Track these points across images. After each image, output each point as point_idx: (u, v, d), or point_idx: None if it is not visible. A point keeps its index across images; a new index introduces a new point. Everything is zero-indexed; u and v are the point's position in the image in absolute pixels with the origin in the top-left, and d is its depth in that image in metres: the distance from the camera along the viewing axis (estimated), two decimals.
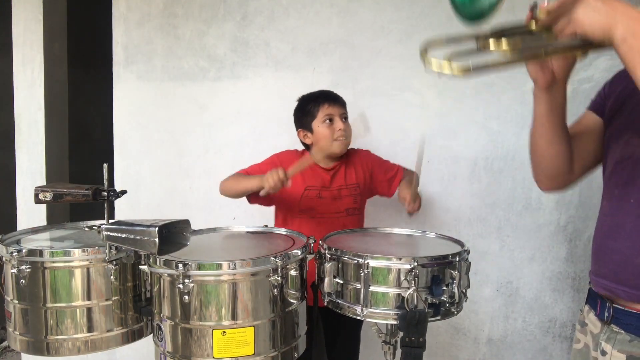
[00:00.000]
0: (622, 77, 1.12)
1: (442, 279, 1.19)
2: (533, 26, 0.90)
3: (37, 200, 1.23)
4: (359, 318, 1.21)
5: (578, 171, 1.21)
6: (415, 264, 1.15)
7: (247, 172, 1.79)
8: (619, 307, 1.05)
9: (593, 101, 1.23)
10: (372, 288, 1.19)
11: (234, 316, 1.12)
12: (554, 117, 1.10)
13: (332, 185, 1.78)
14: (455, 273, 1.20)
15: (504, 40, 0.87)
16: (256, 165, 1.82)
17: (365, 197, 1.87)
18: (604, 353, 1.05)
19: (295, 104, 1.85)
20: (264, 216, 2.11)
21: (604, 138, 1.16)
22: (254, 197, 1.72)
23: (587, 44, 0.87)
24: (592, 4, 0.83)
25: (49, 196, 1.23)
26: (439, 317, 1.19)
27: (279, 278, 1.15)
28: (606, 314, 1.07)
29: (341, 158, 1.82)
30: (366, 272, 1.18)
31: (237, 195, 1.74)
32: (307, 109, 1.78)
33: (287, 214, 1.81)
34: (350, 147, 1.84)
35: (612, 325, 1.05)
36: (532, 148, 1.19)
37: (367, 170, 1.85)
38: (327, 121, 1.74)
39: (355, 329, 1.89)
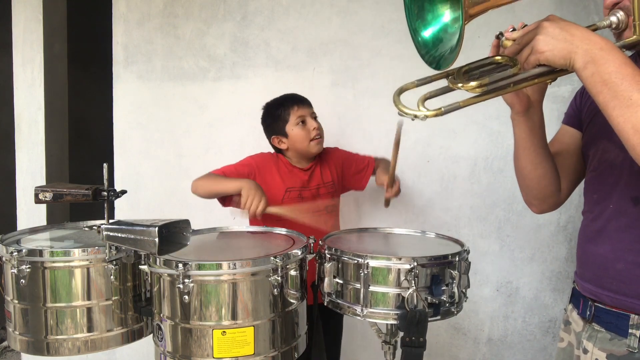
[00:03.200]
0: None
1: (442, 279, 1.19)
2: (498, 59, 0.91)
3: (37, 200, 1.23)
4: (359, 318, 1.21)
5: (566, 188, 1.23)
6: (415, 264, 1.15)
7: (222, 173, 1.76)
8: (601, 306, 1.06)
9: (567, 114, 1.25)
10: (372, 288, 1.19)
11: (234, 316, 1.12)
12: (535, 139, 1.12)
13: (310, 185, 1.80)
14: (455, 273, 1.20)
15: (472, 82, 0.88)
16: (232, 166, 1.79)
17: (339, 193, 1.91)
18: (585, 351, 1.07)
19: None
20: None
21: (582, 147, 1.19)
22: (228, 200, 1.69)
23: (552, 72, 0.88)
24: (551, 32, 0.83)
25: (49, 196, 1.22)
26: (439, 317, 1.19)
27: (279, 278, 1.15)
28: (588, 313, 1.08)
29: (315, 157, 1.84)
30: (366, 272, 1.18)
31: (211, 195, 1.71)
32: (277, 115, 1.79)
33: (267, 216, 1.77)
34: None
35: (593, 323, 1.07)
36: (518, 173, 1.21)
37: (338, 166, 1.88)
38: (300, 123, 1.75)
39: (339, 322, 1.89)
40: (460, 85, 0.89)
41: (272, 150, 1.90)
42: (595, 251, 1.07)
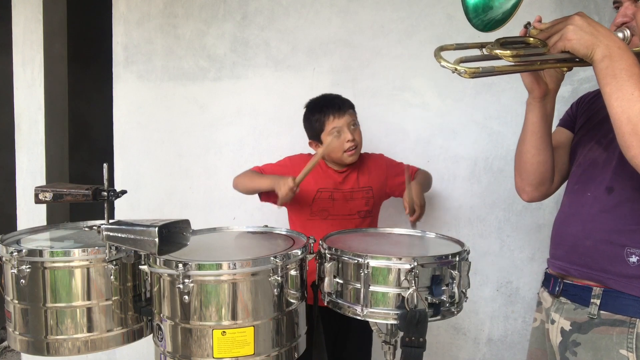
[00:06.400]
0: (586, 101, 1.34)
1: (442, 279, 1.19)
2: (530, 40, 1.04)
3: (37, 200, 1.23)
4: (359, 318, 1.21)
5: (557, 181, 1.35)
6: (415, 263, 1.15)
7: (261, 170, 1.81)
8: (568, 282, 1.20)
9: (563, 119, 1.40)
10: (372, 288, 1.19)
11: (234, 316, 1.12)
12: (544, 125, 1.23)
13: (343, 187, 1.79)
14: (455, 273, 1.20)
15: (509, 49, 1.00)
16: (269, 165, 1.84)
17: (378, 200, 1.86)
18: (552, 322, 1.22)
19: (294, 104, 1.84)
20: (264, 216, 2.11)
21: (572, 149, 1.33)
22: (265, 195, 1.75)
23: (572, 60, 1.01)
24: (580, 24, 0.96)
25: (49, 196, 1.22)
26: (439, 317, 1.19)
27: (279, 278, 1.15)
28: (557, 289, 1.22)
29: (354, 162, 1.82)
30: (366, 272, 1.18)
31: (247, 192, 1.78)
32: (314, 120, 1.76)
33: (300, 215, 1.81)
34: (363, 151, 1.84)
35: (561, 297, 1.22)
36: (520, 157, 1.31)
37: (380, 173, 1.85)
38: (335, 133, 1.72)
39: (366, 332, 1.86)
40: (497, 51, 1.00)
41: (274, 152, 1.91)
42: (569, 231, 1.21)
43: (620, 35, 1.06)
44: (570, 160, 1.33)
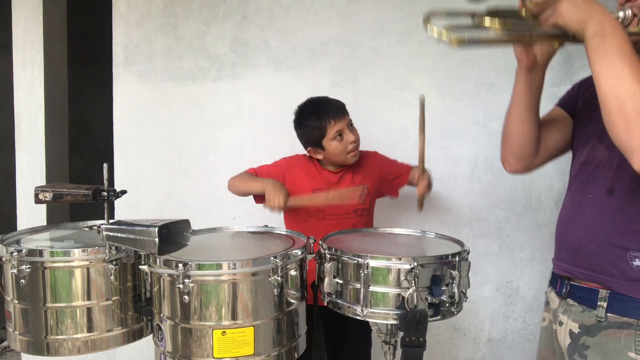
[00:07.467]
0: (587, 85, 1.30)
1: (442, 279, 1.19)
2: (523, 13, 1.02)
3: (37, 200, 1.23)
4: (358, 318, 1.21)
5: (542, 156, 1.34)
6: (415, 264, 1.15)
7: (255, 172, 1.80)
8: (575, 283, 1.20)
9: (562, 99, 1.38)
10: (372, 288, 1.19)
11: (234, 316, 1.12)
12: (530, 97, 1.23)
13: (339, 187, 1.78)
14: (455, 273, 1.20)
15: (497, 20, 0.98)
16: (265, 167, 1.83)
17: (374, 197, 1.87)
18: (560, 324, 1.21)
19: (294, 104, 1.83)
20: (264, 216, 2.11)
21: (573, 143, 1.31)
22: (259, 198, 1.74)
23: (564, 35, 1.00)
24: (574, 0, 0.95)
25: (49, 196, 1.23)
26: (439, 317, 1.19)
27: (279, 278, 1.15)
28: (564, 290, 1.22)
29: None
30: (366, 272, 1.18)
31: (240, 194, 1.77)
32: (312, 128, 1.71)
33: (296, 216, 1.81)
34: (362, 150, 1.85)
35: (568, 299, 1.21)
36: (505, 127, 1.33)
37: (375, 171, 1.85)
38: (338, 137, 1.70)
39: (366, 331, 1.84)
40: (487, 21, 0.99)
41: (274, 152, 1.89)
42: (572, 234, 1.20)
43: (621, 14, 1.04)
44: (573, 156, 1.30)
